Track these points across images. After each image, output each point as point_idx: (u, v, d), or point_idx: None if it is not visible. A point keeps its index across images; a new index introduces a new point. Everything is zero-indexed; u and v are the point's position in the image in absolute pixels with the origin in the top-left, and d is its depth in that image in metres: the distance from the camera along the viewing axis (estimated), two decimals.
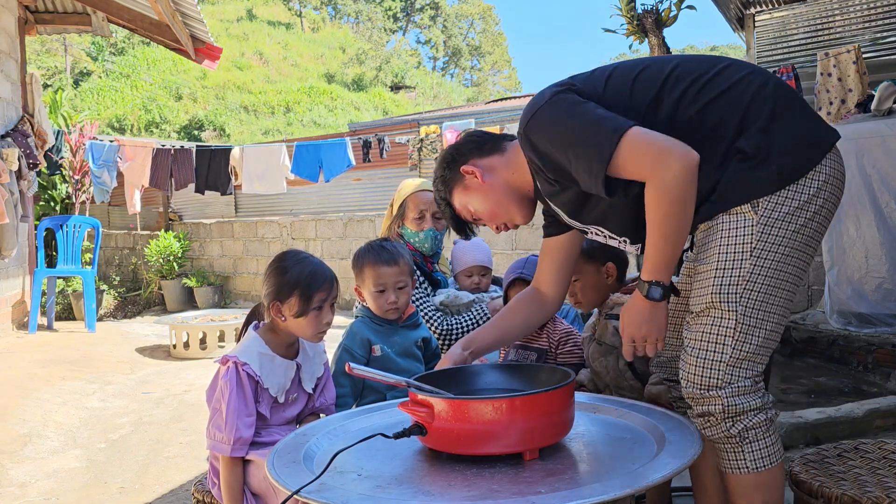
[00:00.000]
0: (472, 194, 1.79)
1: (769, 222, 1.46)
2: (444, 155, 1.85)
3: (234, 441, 1.70)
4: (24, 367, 4.99)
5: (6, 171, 5.50)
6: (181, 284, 9.12)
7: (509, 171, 1.76)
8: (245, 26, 30.51)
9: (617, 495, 1.18)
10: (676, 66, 1.59)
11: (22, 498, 3.00)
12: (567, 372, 1.49)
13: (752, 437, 1.48)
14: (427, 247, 2.64)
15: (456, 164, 1.80)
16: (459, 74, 41.16)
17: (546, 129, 1.57)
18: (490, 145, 1.80)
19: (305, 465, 1.42)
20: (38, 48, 21.49)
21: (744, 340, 1.47)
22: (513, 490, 1.26)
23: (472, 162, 1.78)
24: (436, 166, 1.87)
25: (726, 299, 1.47)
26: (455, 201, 1.82)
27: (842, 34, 5.71)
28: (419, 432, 1.41)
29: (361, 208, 8.83)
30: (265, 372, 1.77)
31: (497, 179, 1.77)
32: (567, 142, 1.53)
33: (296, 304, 1.77)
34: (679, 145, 1.44)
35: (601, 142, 1.47)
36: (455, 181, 1.80)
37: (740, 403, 1.47)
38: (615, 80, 1.60)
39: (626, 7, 4.73)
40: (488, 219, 1.82)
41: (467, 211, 1.82)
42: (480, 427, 1.35)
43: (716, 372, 1.47)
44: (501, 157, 1.78)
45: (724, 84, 1.54)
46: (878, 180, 3.95)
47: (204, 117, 21.86)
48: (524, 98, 15.60)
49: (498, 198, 1.77)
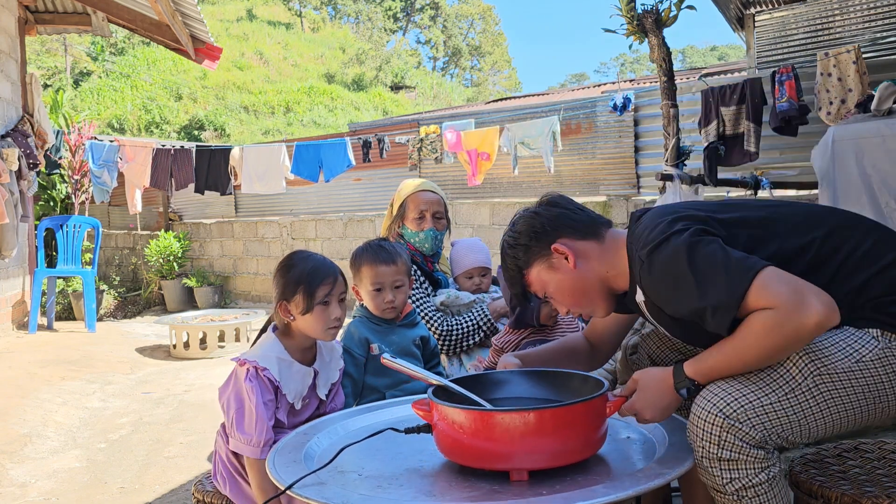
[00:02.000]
0: (556, 276, 1.64)
1: (887, 356, 1.41)
2: (533, 222, 1.66)
3: (262, 443, 1.70)
4: (24, 367, 4.99)
5: (6, 171, 5.50)
6: (181, 284, 9.12)
7: (604, 266, 1.63)
8: (245, 26, 30.49)
9: (619, 496, 1.18)
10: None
11: (22, 498, 2.99)
12: (599, 381, 1.44)
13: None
14: (427, 247, 2.64)
15: (547, 237, 1.63)
16: (459, 74, 41.14)
17: (669, 264, 1.46)
18: (586, 228, 1.65)
19: (306, 464, 1.42)
20: (38, 48, 21.47)
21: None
22: (514, 491, 1.26)
23: (565, 242, 1.62)
24: (518, 227, 1.69)
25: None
26: (532, 274, 1.66)
27: (842, 34, 5.71)
28: (429, 430, 1.42)
29: (361, 208, 8.82)
30: (284, 378, 1.77)
31: (589, 270, 1.63)
32: (693, 282, 1.41)
33: (301, 301, 1.77)
34: (826, 296, 1.35)
35: (733, 281, 1.37)
36: (540, 255, 1.64)
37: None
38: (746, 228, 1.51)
39: (625, 7, 4.72)
40: (567, 304, 1.68)
41: (541, 288, 1.67)
42: (467, 439, 1.32)
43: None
44: (598, 246, 1.64)
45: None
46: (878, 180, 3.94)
47: (204, 117, 21.85)
48: (524, 98, 15.60)
49: (586, 289, 1.64)
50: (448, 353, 2.54)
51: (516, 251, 1.68)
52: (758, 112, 4.89)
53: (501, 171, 7.46)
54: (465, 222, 7.60)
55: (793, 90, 4.71)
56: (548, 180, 7.43)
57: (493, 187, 7.84)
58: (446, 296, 2.60)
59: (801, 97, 4.74)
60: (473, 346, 2.54)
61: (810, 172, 4.11)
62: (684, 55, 47.19)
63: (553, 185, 7.45)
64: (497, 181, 7.78)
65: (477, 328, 2.52)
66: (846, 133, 3.46)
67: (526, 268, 1.67)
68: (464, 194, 7.88)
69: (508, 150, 6.85)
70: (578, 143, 7.28)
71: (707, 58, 44.88)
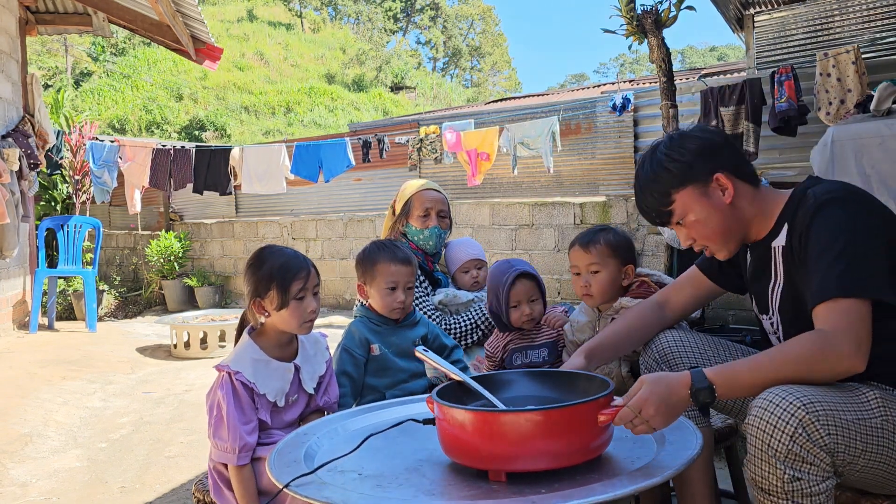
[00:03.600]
0: (706, 204, 1.59)
1: None
2: (703, 143, 1.61)
3: (238, 450, 1.70)
4: (24, 367, 5.00)
5: (7, 172, 5.50)
6: (182, 284, 9.12)
7: (754, 209, 1.61)
8: (245, 27, 30.48)
9: (617, 494, 1.18)
10: None
11: (23, 497, 3.00)
12: (605, 382, 1.41)
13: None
14: (431, 244, 2.66)
15: (714, 161, 1.59)
16: (459, 75, 41.13)
17: (832, 224, 1.46)
18: (748, 171, 1.64)
19: (306, 463, 1.42)
20: (39, 48, 21.48)
21: None
22: (513, 489, 1.26)
23: (729, 175, 1.60)
24: (685, 142, 1.61)
25: None
26: (680, 196, 1.60)
27: (841, 34, 5.71)
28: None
29: (361, 208, 8.83)
30: (260, 378, 1.76)
31: (741, 209, 1.60)
32: (838, 250, 1.43)
33: (275, 297, 1.76)
34: (863, 352, 1.37)
35: (857, 278, 1.40)
36: (698, 178, 1.59)
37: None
38: None
39: (625, 8, 4.73)
40: (702, 236, 1.63)
41: (682, 213, 1.61)
42: (457, 437, 1.33)
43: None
44: (754, 191, 1.63)
45: None
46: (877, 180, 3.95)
47: (205, 118, 21.84)
48: (524, 98, 15.59)
49: (730, 226, 1.60)
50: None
51: (675, 166, 1.59)
52: (757, 112, 4.90)
53: (501, 172, 7.46)
54: (465, 222, 7.61)
55: (792, 90, 4.72)
56: (547, 180, 7.43)
57: (493, 187, 7.85)
58: (444, 295, 2.61)
59: (800, 97, 4.74)
60: (472, 344, 2.55)
61: (809, 172, 4.12)
62: (684, 55, 47.19)
63: (553, 185, 7.47)
64: (497, 181, 7.78)
65: (475, 327, 2.53)
66: (845, 133, 3.46)
67: (678, 187, 1.59)
68: (464, 194, 7.88)
69: (508, 151, 6.85)
70: (578, 144, 7.29)
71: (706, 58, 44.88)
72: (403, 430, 1.51)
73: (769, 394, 1.36)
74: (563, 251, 7.04)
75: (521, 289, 2.17)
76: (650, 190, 1.64)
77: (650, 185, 1.64)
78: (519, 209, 7.33)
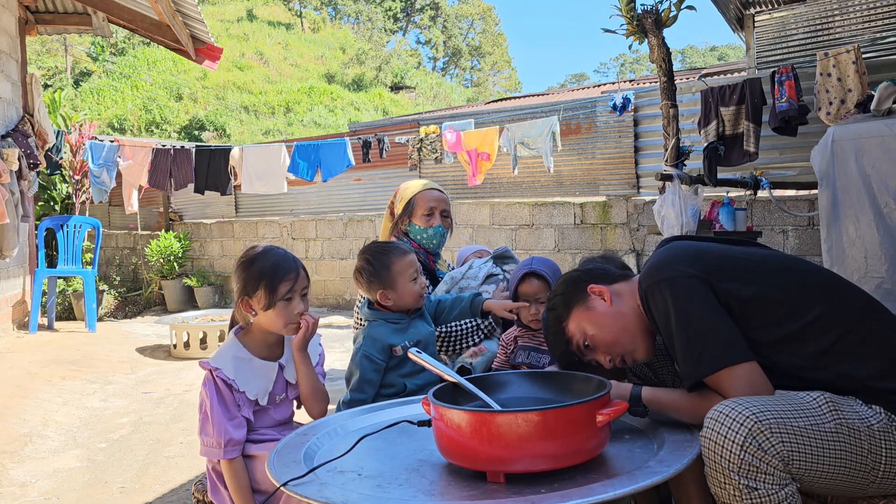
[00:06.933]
0: (594, 317, 1.69)
1: (890, 431, 1.41)
2: (566, 276, 1.79)
3: (224, 444, 1.71)
4: (24, 367, 5.00)
5: (7, 171, 5.50)
6: (182, 284, 9.12)
7: (636, 299, 1.68)
8: (245, 27, 30.47)
9: (616, 494, 1.18)
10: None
11: (22, 498, 3.00)
12: (602, 383, 1.44)
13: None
14: (435, 243, 2.68)
15: (582, 282, 1.73)
16: (459, 75, 41.12)
17: (668, 305, 1.55)
18: (615, 274, 1.76)
19: (306, 464, 1.42)
20: (39, 48, 21.48)
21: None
22: (512, 489, 1.26)
23: (598, 283, 1.72)
24: (554, 288, 1.80)
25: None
26: (571, 323, 1.71)
27: (841, 34, 5.72)
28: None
29: (361, 208, 8.83)
30: (241, 376, 1.76)
31: (626, 306, 1.69)
32: (682, 332, 1.52)
33: (263, 297, 1.76)
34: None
35: (719, 354, 1.47)
36: (577, 300, 1.71)
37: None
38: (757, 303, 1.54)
39: (625, 7, 4.72)
40: (606, 346, 1.69)
41: (582, 335, 1.70)
42: (454, 439, 1.33)
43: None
44: (629, 285, 1.72)
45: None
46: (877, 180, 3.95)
47: (204, 117, 21.83)
48: (524, 98, 15.59)
49: (625, 324, 1.67)
50: (448, 353, 2.55)
51: (555, 302, 1.75)
52: (757, 112, 4.90)
53: (501, 171, 7.46)
54: (465, 222, 7.60)
55: (792, 90, 4.71)
56: (547, 180, 7.43)
57: (493, 187, 7.85)
58: (466, 269, 2.62)
59: (800, 97, 4.74)
60: (473, 346, 2.55)
61: (810, 172, 4.12)
62: (684, 55, 47.18)
63: (553, 185, 7.46)
64: (497, 181, 7.78)
65: (476, 328, 2.53)
66: (846, 133, 3.46)
67: (566, 319, 1.72)
68: (464, 194, 7.88)
69: (508, 150, 6.85)
70: (578, 144, 7.29)
71: (707, 58, 44.88)
72: (403, 431, 1.51)
73: (721, 406, 1.39)
74: (563, 251, 7.04)
75: (527, 287, 2.20)
76: (551, 336, 1.77)
77: (549, 333, 1.78)
78: (519, 209, 7.32)
